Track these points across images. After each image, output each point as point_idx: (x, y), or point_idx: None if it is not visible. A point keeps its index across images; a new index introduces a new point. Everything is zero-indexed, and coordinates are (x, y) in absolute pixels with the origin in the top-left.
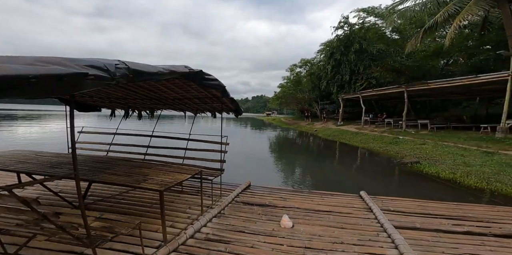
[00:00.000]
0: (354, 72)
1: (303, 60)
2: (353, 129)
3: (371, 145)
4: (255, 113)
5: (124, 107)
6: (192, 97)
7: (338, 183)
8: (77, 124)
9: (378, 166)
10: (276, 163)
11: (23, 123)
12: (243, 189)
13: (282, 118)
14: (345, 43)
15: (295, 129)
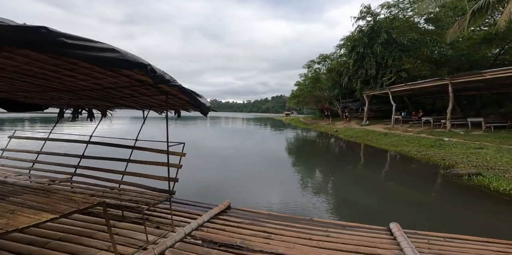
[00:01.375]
0: (381, 66)
1: (322, 55)
2: (381, 128)
3: (405, 148)
4: (275, 113)
5: (55, 104)
6: (114, 86)
7: (356, 205)
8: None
9: (417, 177)
10: (278, 172)
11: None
12: (214, 215)
13: (301, 118)
14: (369, 35)
15: (313, 129)
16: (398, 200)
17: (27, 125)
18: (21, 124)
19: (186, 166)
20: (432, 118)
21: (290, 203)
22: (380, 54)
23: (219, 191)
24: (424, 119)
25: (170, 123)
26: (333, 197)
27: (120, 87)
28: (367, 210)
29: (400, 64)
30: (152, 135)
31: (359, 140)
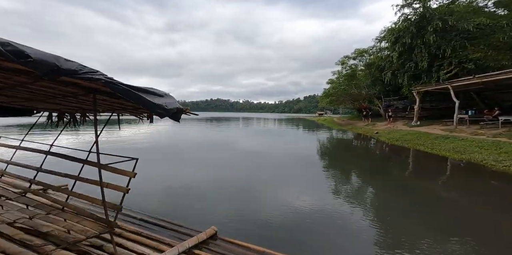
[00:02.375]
0: (436, 57)
1: (358, 50)
2: (438, 130)
3: (476, 155)
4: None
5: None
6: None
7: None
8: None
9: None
10: (293, 183)
11: None
12: (190, 246)
13: (335, 118)
14: (417, 23)
15: (348, 131)
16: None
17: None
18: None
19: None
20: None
21: (303, 237)
22: (434, 44)
23: (230, 202)
24: (503, 119)
25: (202, 124)
26: (381, 237)
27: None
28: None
29: (465, 54)
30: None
31: (407, 144)
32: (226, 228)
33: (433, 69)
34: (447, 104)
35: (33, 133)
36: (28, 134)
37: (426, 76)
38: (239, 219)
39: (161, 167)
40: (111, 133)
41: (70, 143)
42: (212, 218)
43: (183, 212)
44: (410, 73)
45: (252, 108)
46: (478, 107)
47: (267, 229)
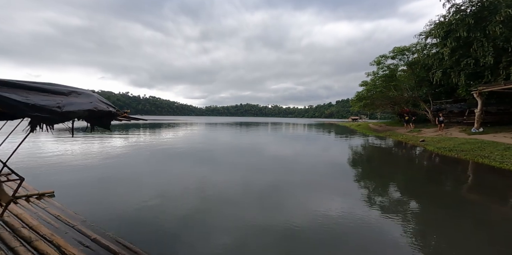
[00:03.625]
0: (504, 52)
1: (397, 48)
2: (509, 139)
3: None
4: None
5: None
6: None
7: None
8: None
9: None
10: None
11: None
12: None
13: (371, 124)
14: (475, 14)
15: (386, 138)
16: None
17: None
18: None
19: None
20: None
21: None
22: (501, 36)
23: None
24: None
25: (234, 128)
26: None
27: None
28: None
29: None
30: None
31: (465, 156)
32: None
33: (501, 66)
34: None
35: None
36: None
37: (492, 74)
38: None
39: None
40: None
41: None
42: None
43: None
44: (468, 71)
45: (281, 113)
46: None
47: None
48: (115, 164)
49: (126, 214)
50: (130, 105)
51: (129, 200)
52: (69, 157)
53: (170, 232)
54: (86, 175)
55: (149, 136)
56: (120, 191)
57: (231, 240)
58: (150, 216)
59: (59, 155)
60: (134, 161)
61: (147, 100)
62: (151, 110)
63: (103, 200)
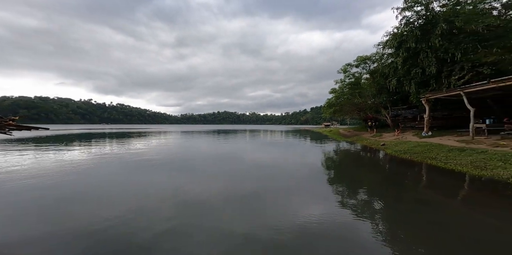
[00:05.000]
0: (444, 62)
1: (360, 57)
2: (453, 141)
3: (500, 171)
4: (314, 125)
5: None
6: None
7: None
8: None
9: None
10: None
11: None
12: None
13: (341, 129)
14: (421, 26)
15: (353, 143)
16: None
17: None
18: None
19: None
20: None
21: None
22: (441, 48)
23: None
24: None
25: (211, 136)
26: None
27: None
28: None
29: (477, 57)
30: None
31: (416, 157)
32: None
33: (443, 75)
34: (461, 113)
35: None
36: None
37: (436, 82)
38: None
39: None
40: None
41: None
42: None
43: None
44: (417, 80)
45: (259, 120)
46: (498, 116)
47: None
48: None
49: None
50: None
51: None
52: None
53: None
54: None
55: (115, 147)
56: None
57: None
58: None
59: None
60: (96, 175)
61: (114, 108)
62: (119, 119)
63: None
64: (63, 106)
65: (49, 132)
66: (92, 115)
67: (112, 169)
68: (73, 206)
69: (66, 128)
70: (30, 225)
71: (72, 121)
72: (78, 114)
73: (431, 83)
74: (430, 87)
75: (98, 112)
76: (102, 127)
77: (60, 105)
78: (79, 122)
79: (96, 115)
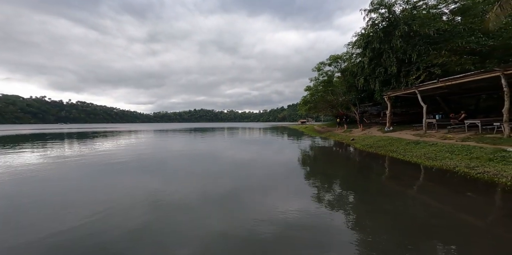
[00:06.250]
0: (403, 62)
1: (332, 56)
2: (410, 135)
3: (448, 162)
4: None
5: None
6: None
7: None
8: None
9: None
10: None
11: None
12: None
13: (315, 126)
14: (384, 28)
15: (326, 138)
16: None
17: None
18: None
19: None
20: (479, 122)
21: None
22: (400, 49)
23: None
24: (469, 122)
25: (187, 135)
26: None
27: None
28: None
29: (430, 59)
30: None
31: (380, 151)
32: None
33: (402, 74)
34: (416, 110)
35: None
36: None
37: (396, 81)
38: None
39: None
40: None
41: None
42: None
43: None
44: (381, 79)
45: (237, 118)
46: (446, 111)
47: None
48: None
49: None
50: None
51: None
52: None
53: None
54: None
55: (76, 148)
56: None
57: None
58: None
59: None
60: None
61: (73, 106)
62: (81, 118)
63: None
64: (9, 104)
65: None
66: (46, 114)
67: (73, 173)
68: (29, 215)
69: (13, 128)
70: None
71: (21, 121)
72: (28, 113)
73: (392, 82)
74: (391, 86)
75: (54, 111)
76: (59, 127)
77: (6, 103)
78: (29, 122)
79: (51, 114)
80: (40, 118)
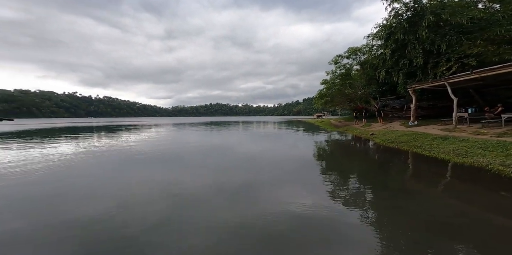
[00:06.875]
0: (431, 53)
1: (351, 49)
2: (437, 130)
3: (480, 159)
4: (307, 116)
5: None
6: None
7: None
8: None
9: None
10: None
11: None
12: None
13: (332, 120)
14: (409, 18)
15: (343, 133)
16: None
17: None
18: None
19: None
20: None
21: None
22: (427, 39)
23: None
24: (506, 116)
25: (204, 128)
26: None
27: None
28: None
29: (462, 49)
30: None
31: (403, 146)
32: None
33: (429, 66)
34: (446, 103)
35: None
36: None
37: (422, 73)
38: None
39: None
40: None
41: None
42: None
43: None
44: (405, 71)
45: (252, 112)
46: (480, 105)
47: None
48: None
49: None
50: (79, 107)
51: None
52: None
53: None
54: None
55: (104, 140)
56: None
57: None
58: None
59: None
60: (87, 169)
61: (101, 101)
62: (107, 112)
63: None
64: (45, 99)
65: (33, 126)
66: (77, 109)
67: (104, 165)
68: (62, 202)
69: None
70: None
71: (56, 115)
72: (62, 108)
73: (418, 74)
74: (417, 78)
75: (84, 105)
76: (89, 120)
77: (43, 99)
78: (63, 116)
79: (82, 108)
80: (72, 112)
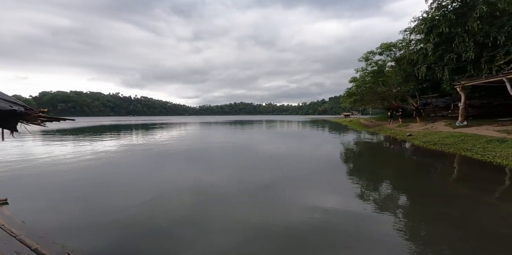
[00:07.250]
0: (484, 47)
1: (384, 44)
2: (492, 131)
3: None
4: (333, 115)
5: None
6: None
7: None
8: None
9: None
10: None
11: None
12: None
13: (361, 119)
14: (455, 10)
15: (375, 133)
16: None
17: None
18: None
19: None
20: None
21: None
22: (480, 32)
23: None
24: None
25: (229, 127)
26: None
27: None
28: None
29: None
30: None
31: (448, 149)
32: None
33: (482, 60)
34: (503, 101)
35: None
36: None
37: (474, 68)
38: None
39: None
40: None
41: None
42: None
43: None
44: (451, 66)
45: (275, 111)
46: None
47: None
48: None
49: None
50: (121, 106)
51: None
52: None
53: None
54: (54, 180)
55: (141, 137)
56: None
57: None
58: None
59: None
60: (127, 163)
61: (138, 100)
62: (143, 111)
63: (68, 209)
64: (95, 100)
65: (85, 123)
66: (119, 108)
67: (141, 160)
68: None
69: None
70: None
71: (103, 113)
72: (107, 107)
73: (468, 69)
74: (467, 74)
75: (125, 105)
76: (129, 119)
77: (93, 99)
78: (108, 115)
79: (123, 108)
80: (116, 111)
